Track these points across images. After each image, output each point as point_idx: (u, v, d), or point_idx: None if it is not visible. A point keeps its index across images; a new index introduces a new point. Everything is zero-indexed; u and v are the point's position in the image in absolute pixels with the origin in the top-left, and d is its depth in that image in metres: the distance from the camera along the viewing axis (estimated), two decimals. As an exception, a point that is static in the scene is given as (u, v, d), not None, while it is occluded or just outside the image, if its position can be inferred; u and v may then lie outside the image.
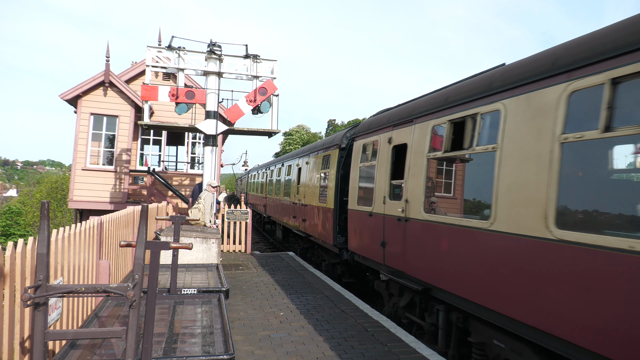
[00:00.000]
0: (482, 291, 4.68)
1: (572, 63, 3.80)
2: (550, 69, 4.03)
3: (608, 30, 3.68)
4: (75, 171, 14.37)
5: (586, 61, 3.64)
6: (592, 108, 3.52)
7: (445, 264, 5.38)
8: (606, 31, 3.70)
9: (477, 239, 4.83)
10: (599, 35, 3.72)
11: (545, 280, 3.87)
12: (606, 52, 3.49)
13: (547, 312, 3.83)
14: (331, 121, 76.02)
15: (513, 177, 4.38)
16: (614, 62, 3.41)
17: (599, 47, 3.59)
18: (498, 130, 4.67)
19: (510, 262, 4.33)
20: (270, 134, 12.57)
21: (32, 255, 3.42)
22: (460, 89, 5.63)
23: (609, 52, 3.47)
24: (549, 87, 4.00)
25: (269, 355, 4.98)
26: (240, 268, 10.36)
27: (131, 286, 2.94)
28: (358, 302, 7.43)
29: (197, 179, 15.32)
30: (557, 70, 3.93)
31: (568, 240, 3.63)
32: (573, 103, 3.73)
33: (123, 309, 5.33)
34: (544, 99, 4.06)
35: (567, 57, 3.89)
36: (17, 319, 3.27)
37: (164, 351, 4.10)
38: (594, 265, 3.38)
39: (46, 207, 2.92)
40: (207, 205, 10.37)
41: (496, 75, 5.03)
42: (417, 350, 5.25)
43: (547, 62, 4.14)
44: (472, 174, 5.38)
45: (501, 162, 4.55)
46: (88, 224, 5.07)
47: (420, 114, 6.41)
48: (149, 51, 11.10)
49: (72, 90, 14.12)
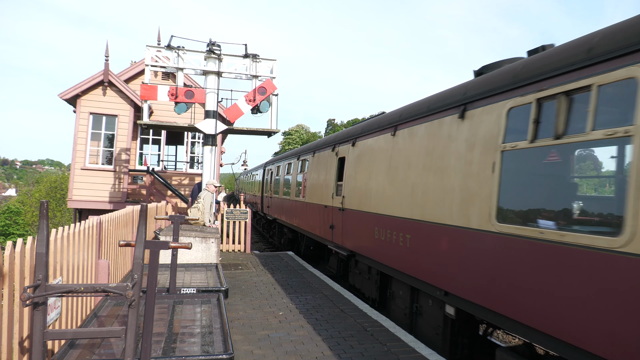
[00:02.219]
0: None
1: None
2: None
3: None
4: (75, 171, 14.36)
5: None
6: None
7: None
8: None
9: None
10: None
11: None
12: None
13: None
14: (330, 121, 76.03)
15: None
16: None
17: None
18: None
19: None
20: (269, 133, 12.56)
21: (31, 254, 3.42)
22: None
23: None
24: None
25: (269, 354, 4.98)
26: (239, 268, 10.36)
27: (130, 286, 2.94)
28: (357, 302, 7.43)
29: (196, 179, 15.32)
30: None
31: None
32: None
33: (122, 308, 5.33)
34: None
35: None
36: (16, 319, 3.26)
37: (163, 351, 4.10)
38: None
39: (45, 207, 2.92)
40: (206, 204, 10.37)
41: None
42: (416, 349, 5.25)
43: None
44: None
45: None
46: (87, 223, 5.06)
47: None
48: (148, 50, 11.09)
49: (71, 89, 14.10)
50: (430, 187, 5.74)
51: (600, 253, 3.35)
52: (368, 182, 7.88)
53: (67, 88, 14.18)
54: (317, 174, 11.38)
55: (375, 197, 7.49)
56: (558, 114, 3.82)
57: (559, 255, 3.70)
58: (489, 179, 4.59)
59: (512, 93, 4.45)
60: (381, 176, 7.32)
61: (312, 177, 11.83)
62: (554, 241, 3.73)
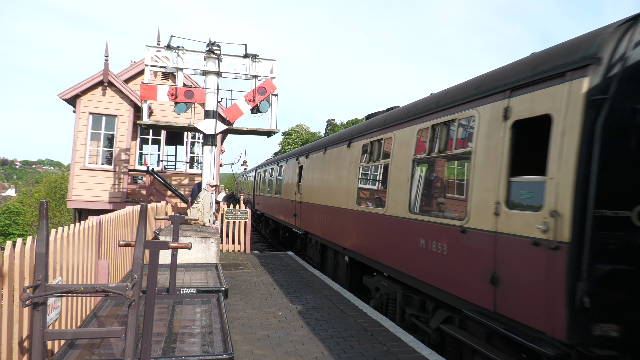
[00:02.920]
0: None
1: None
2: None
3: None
4: (74, 171, 14.35)
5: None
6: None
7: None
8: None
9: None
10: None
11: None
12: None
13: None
14: (330, 120, 76.06)
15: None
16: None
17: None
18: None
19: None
20: (269, 133, 12.56)
21: (31, 254, 3.41)
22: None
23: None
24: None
25: (268, 354, 4.98)
26: (239, 268, 10.36)
27: (130, 286, 2.94)
28: (357, 302, 7.43)
29: (196, 179, 15.31)
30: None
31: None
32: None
33: (122, 308, 5.33)
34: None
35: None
36: (15, 319, 3.26)
37: (163, 351, 4.10)
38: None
39: (45, 207, 2.92)
40: (206, 204, 10.37)
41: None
42: (416, 349, 5.25)
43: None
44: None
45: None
46: (87, 223, 5.06)
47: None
48: (148, 50, 11.08)
49: (71, 89, 14.09)
50: (336, 186, 9.54)
51: (386, 217, 6.96)
52: (312, 183, 11.64)
53: (67, 88, 14.18)
54: (287, 177, 15.31)
55: (315, 193, 11.28)
56: (372, 150, 7.92)
57: (379, 220, 7.26)
58: (355, 181, 8.48)
59: (365, 136, 8.22)
60: (317, 179, 11.18)
61: (285, 179, 15.85)
62: (375, 213, 7.43)
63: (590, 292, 3.41)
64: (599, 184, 3.46)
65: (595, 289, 3.44)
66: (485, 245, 4.59)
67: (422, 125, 6.10)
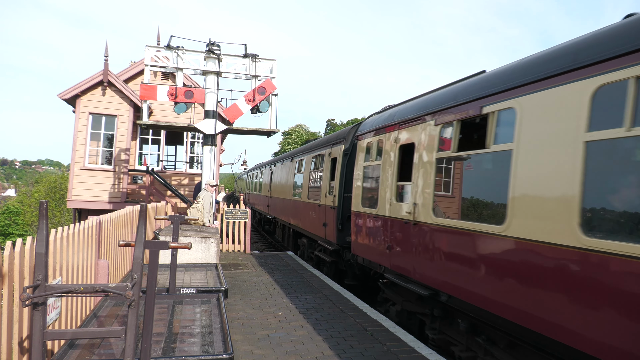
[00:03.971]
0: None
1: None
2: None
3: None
4: (74, 171, 14.34)
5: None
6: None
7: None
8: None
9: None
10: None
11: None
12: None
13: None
14: (330, 121, 76.10)
15: None
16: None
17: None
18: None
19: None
20: (269, 133, 12.56)
21: (31, 255, 3.41)
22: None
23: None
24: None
25: (268, 354, 4.98)
26: (239, 267, 10.36)
27: (130, 286, 2.94)
28: (357, 302, 7.43)
29: (196, 179, 15.31)
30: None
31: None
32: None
33: (122, 308, 5.33)
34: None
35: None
36: (15, 319, 3.26)
37: (163, 351, 4.10)
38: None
39: (45, 207, 2.92)
40: (205, 204, 10.36)
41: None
42: (416, 349, 5.25)
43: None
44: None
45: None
46: (87, 223, 5.06)
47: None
48: (148, 50, 11.08)
49: (71, 89, 14.09)
50: (286, 185, 15.20)
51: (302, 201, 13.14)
52: (277, 183, 17.50)
53: (67, 88, 14.17)
54: (265, 179, 21.46)
55: (278, 190, 17.01)
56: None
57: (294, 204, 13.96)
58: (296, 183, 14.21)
59: (310, 152, 12.88)
60: (279, 180, 17.03)
61: (263, 180, 22.02)
62: (320, 204, 11.32)
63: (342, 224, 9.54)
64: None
65: (342, 223, 9.54)
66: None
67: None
